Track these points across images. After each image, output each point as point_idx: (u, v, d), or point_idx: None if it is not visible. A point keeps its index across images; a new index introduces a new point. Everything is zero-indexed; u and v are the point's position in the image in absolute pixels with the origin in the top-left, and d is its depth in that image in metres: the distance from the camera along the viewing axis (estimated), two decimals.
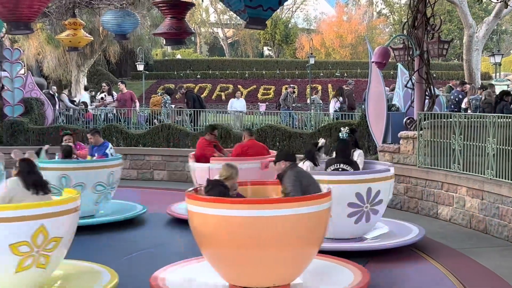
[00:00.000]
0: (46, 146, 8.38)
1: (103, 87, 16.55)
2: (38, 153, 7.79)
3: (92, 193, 7.72)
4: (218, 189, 5.03)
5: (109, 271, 5.23)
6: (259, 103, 29.28)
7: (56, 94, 16.96)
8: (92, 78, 33.13)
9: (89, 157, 8.37)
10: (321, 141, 7.12)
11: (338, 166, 6.63)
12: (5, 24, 8.77)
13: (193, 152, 8.93)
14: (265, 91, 35.45)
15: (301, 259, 4.86)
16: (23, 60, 16.40)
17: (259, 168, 8.05)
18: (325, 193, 4.97)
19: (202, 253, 4.97)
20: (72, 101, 17.92)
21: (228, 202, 4.69)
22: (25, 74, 16.12)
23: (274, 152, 8.51)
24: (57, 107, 15.93)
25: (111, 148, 8.41)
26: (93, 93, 19.41)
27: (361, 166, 6.85)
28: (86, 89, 21.57)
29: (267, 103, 29.35)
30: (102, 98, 16.19)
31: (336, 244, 6.32)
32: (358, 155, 6.98)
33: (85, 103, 16.96)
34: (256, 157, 8.35)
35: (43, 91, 16.28)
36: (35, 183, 4.95)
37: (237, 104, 18.20)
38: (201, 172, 8.09)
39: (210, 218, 4.69)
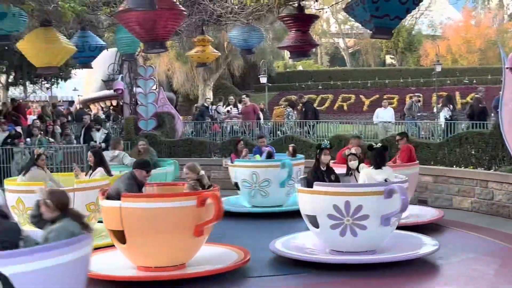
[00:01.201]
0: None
1: (229, 100, 17.10)
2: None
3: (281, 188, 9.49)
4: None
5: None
6: None
7: (211, 106, 17.79)
8: (217, 91, 34.31)
9: (257, 157, 10.40)
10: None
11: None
12: (142, 43, 9.40)
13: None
14: (389, 101, 34.66)
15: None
16: (155, 77, 17.37)
17: None
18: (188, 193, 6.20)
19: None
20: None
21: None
22: (157, 89, 17.08)
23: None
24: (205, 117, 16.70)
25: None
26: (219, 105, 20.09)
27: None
28: (212, 103, 22.40)
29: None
30: (228, 111, 16.73)
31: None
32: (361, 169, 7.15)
33: (212, 117, 17.63)
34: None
35: (199, 104, 17.20)
36: None
37: (384, 113, 17.10)
38: None
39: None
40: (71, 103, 31.46)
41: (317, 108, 23.14)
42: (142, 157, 9.41)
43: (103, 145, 14.12)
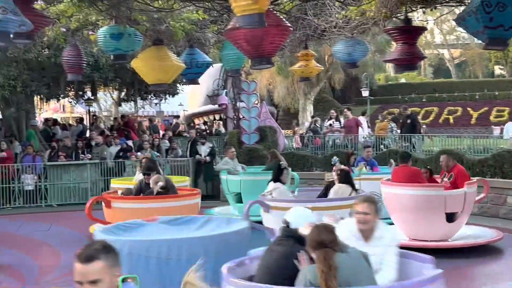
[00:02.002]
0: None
1: (331, 113, 17.07)
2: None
3: None
4: None
5: None
6: (492, 126, 27.40)
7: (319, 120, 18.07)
8: (318, 105, 34.31)
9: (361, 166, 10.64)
10: None
11: None
12: (248, 60, 9.64)
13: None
14: (498, 113, 33.04)
15: None
16: (257, 91, 17.71)
17: None
18: None
19: None
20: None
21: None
22: (260, 104, 17.38)
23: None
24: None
25: None
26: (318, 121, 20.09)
27: None
28: (313, 117, 22.45)
29: (502, 126, 27.30)
30: (330, 124, 16.69)
31: None
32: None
33: (313, 130, 17.66)
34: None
35: (314, 119, 17.48)
36: None
37: None
38: None
39: None
40: (176, 117, 32.71)
41: (422, 121, 22.51)
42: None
43: (207, 158, 14.55)
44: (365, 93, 30.73)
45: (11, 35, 5.52)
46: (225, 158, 12.32)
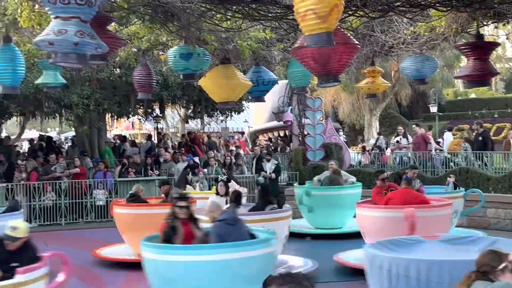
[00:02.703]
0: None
1: (398, 130, 16.79)
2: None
3: None
4: None
5: None
6: None
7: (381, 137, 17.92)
8: (384, 121, 33.80)
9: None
10: None
11: None
12: (314, 77, 9.66)
13: None
14: None
15: None
16: (322, 108, 17.66)
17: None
18: None
19: None
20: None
21: None
22: (324, 120, 17.32)
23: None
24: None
25: None
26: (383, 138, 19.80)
27: None
28: (379, 133, 22.15)
29: None
30: (397, 141, 16.42)
31: None
32: None
33: (379, 147, 17.42)
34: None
35: (380, 137, 17.40)
36: None
37: None
38: None
39: None
40: (241, 133, 33.02)
41: (493, 138, 21.75)
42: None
43: (273, 175, 14.58)
44: (433, 108, 30.06)
45: (88, 57, 5.75)
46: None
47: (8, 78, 8.12)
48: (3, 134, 25.98)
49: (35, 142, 20.27)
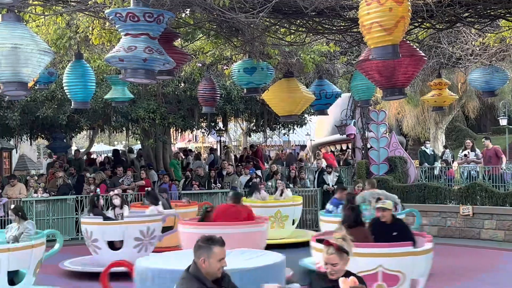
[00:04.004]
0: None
1: (466, 143, 16.31)
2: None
3: None
4: None
5: None
6: None
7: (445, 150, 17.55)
8: (450, 134, 32.92)
9: None
10: None
11: None
12: (378, 90, 9.57)
13: None
14: None
15: None
16: (386, 121, 17.39)
17: None
18: None
19: None
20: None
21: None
22: (388, 133, 17.02)
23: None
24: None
25: None
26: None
27: None
28: (445, 147, 21.58)
29: None
30: (465, 155, 15.94)
31: None
32: None
33: (446, 161, 16.96)
34: None
35: (446, 151, 17.11)
36: None
37: None
38: None
39: None
40: (303, 147, 32.96)
41: None
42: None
43: (335, 187, 14.43)
44: (503, 121, 29.05)
45: (156, 73, 5.92)
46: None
47: (79, 93, 8.48)
48: (73, 148, 27.03)
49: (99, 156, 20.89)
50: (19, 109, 14.90)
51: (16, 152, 22.82)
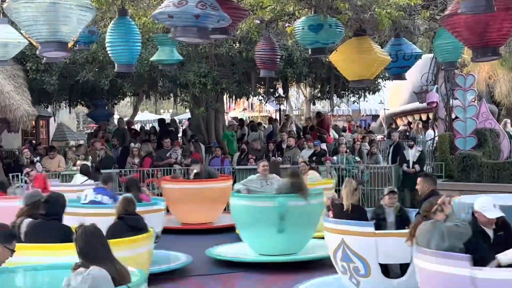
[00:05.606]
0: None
1: None
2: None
3: None
4: None
5: None
6: None
7: None
8: None
9: None
10: None
11: None
12: (467, 50, 9.33)
13: None
14: None
15: None
16: (475, 87, 16.95)
17: None
18: None
19: None
20: None
21: None
22: (478, 101, 16.62)
23: None
24: None
25: None
26: None
27: None
28: None
29: None
30: None
31: None
32: None
33: None
34: None
35: None
36: None
37: None
38: None
39: None
40: (375, 117, 32.63)
41: None
42: None
43: (416, 167, 14.09)
44: None
45: (209, 31, 5.97)
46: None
47: (123, 55, 8.62)
48: (116, 116, 27.68)
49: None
50: (57, 72, 15.34)
51: (54, 121, 23.54)
